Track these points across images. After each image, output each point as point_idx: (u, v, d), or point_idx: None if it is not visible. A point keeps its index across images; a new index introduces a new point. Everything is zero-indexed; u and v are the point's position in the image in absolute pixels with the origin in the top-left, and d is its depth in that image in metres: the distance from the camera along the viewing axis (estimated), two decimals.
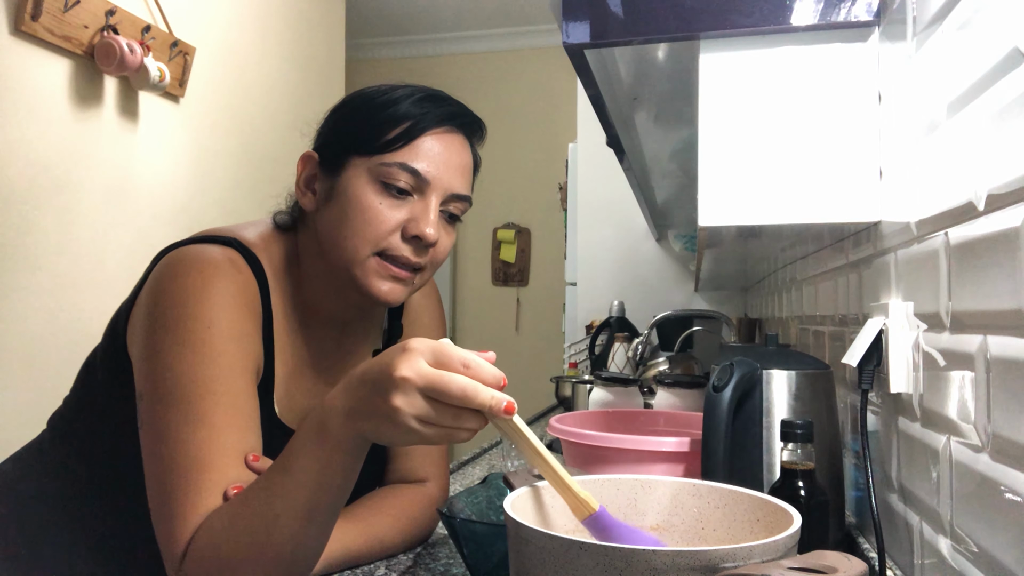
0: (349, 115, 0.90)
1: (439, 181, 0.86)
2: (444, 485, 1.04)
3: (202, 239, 0.87)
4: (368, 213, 0.84)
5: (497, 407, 0.62)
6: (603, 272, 2.89)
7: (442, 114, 0.88)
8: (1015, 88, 0.52)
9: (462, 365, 0.63)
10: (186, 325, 0.78)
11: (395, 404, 0.62)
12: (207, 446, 0.75)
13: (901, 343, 0.77)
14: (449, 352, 0.64)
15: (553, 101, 4.71)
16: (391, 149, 0.85)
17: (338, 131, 0.90)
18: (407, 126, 0.85)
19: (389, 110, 0.86)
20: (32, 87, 2.05)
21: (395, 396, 0.62)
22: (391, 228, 0.85)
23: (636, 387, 1.48)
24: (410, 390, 0.62)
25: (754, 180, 0.89)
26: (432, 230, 0.85)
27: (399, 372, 0.62)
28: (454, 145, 0.89)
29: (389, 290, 0.86)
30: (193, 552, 0.72)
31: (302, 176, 0.91)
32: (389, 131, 0.85)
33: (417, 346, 0.64)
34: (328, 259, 0.88)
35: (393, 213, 0.85)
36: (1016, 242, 0.52)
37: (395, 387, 0.62)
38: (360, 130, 0.87)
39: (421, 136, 0.86)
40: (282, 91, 3.20)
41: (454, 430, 0.64)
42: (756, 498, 0.62)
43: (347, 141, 0.87)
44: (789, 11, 0.86)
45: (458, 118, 0.90)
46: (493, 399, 0.62)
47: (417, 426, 0.63)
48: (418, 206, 0.86)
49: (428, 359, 0.63)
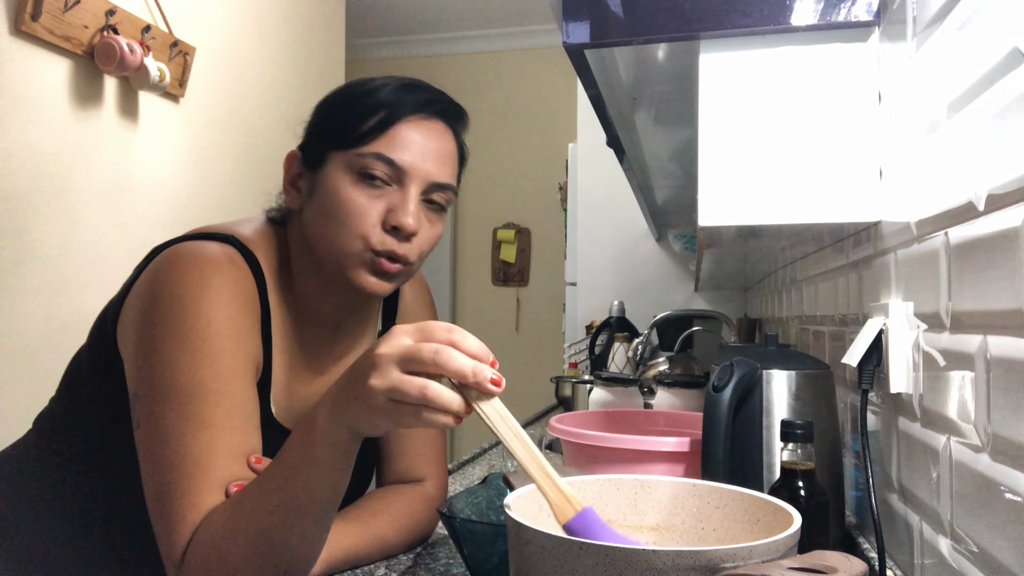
0: (328, 110, 0.90)
1: (417, 170, 0.84)
2: (442, 484, 1.04)
3: (198, 236, 0.86)
4: (348, 206, 0.83)
5: (480, 376, 0.59)
6: (603, 272, 2.89)
7: (418, 101, 0.86)
8: (1015, 88, 0.52)
9: (445, 333, 0.61)
10: (184, 323, 0.77)
11: (370, 383, 0.61)
12: (207, 446, 0.75)
13: (901, 343, 0.77)
14: (433, 324, 0.62)
15: (553, 101, 4.71)
16: (366, 140, 0.83)
17: (318, 127, 0.90)
18: (382, 115, 0.84)
19: (365, 101, 0.85)
20: (32, 87, 2.05)
21: (371, 375, 0.61)
22: (372, 220, 0.83)
23: (636, 387, 1.48)
24: (385, 365, 0.61)
25: (754, 180, 0.89)
26: (412, 220, 0.83)
27: (377, 350, 0.62)
28: (433, 132, 0.87)
29: (377, 283, 0.85)
30: (193, 551, 0.72)
31: (288, 176, 0.91)
32: (364, 122, 0.84)
33: (402, 327, 0.63)
34: (315, 255, 0.88)
35: (372, 204, 0.83)
36: (1016, 242, 0.52)
37: (372, 366, 0.62)
38: (338, 124, 0.86)
39: (396, 124, 0.84)
40: (282, 91, 3.20)
41: (428, 410, 0.60)
42: (756, 498, 0.62)
43: (325, 136, 0.87)
44: (789, 11, 0.86)
45: (435, 104, 0.88)
46: (475, 367, 0.59)
47: (388, 405, 0.61)
48: (397, 196, 0.84)
49: (412, 336, 0.62)
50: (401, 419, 0.62)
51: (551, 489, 0.59)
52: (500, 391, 0.60)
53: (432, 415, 0.61)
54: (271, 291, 0.88)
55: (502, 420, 0.61)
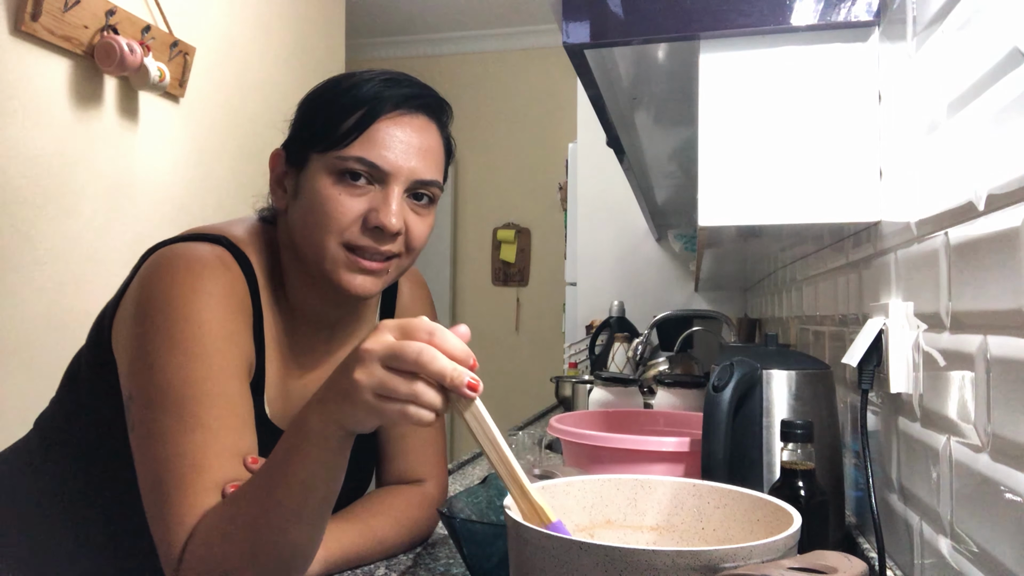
0: (309, 108, 0.89)
1: (400, 170, 0.83)
2: (442, 484, 1.03)
3: (191, 237, 0.86)
4: (328, 205, 0.82)
5: (457, 380, 0.60)
6: (603, 272, 2.89)
7: (398, 97, 0.85)
8: (1015, 88, 0.52)
9: (427, 334, 0.61)
10: (177, 325, 0.77)
11: (355, 378, 0.62)
12: (202, 447, 0.75)
13: (901, 343, 0.77)
14: (416, 323, 0.62)
15: (553, 101, 4.71)
16: (346, 142, 0.83)
17: (300, 126, 0.89)
18: (360, 115, 0.83)
19: (344, 100, 0.84)
20: (32, 87, 2.05)
21: (356, 370, 0.62)
22: (351, 219, 0.83)
23: (636, 387, 1.48)
24: (370, 361, 0.61)
25: (754, 180, 0.89)
26: (395, 220, 0.82)
27: (363, 345, 0.62)
28: (415, 128, 0.85)
29: (360, 282, 0.85)
30: (189, 552, 0.72)
31: (273, 175, 0.91)
32: (344, 122, 0.83)
33: (387, 323, 0.63)
34: (301, 255, 0.87)
35: (353, 203, 0.83)
36: (1016, 242, 0.52)
37: (357, 362, 0.62)
38: (318, 124, 0.85)
39: (376, 123, 0.83)
40: (282, 91, 3.20)
41: (412, 406, 0.61)
42: (756, 498, 0.62)
43: (307, 136, 0.86)
44: (789, 11, 0.86)
45: (415, 99, 0.86)
46: (454, 371, 0.60)
47: (374, 400, 0.62)
48: (379, 196, 0.83)
49: (395, 333, 0.63)
50: (386, 415, 0.63)
51: (522, 499, 0.59)
52: (476, 395, 0.61)
53: (417, 411, 0.61)
54: (263, 292, 0.88)
55: (478, 424, 0.61)
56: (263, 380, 0.88)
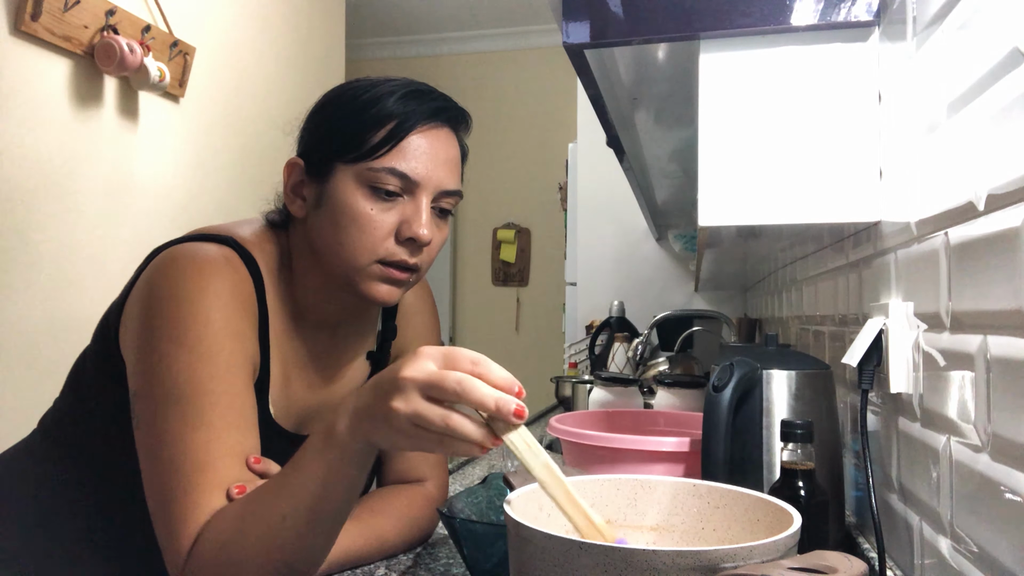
0: (332, 117, 0.88)
1: (429, 181, 0.85)
2: (443, 484, 1.04)
3: (197, 237, 0.86)
4: (361, 220, 0.83)
5: (504, 409, 0.59)
6: (603, 272, 2.89)
7: (427, 111, 0.86)
8: (1015, 88, 0.52)
9: (471, 363, 0.61)
10: (183, 324, 0.78)
11: (393, 405, 0.61)
12: (206, 446, 0.75)
13: (901, 343, 0.77)
14: (460, 352, 0.62)
15: (553, 101, 4.71)
16: (378, 154, 0.83)
17: (322, 135, 0.88)
18: (392, 127, 0.84)
19: (372, 110, 0.85)
20: (32, 87, 2.05)
21: (395, 398, 0.61)
22: (385, 234, 0.84)
23: (636, 387, 1.48)
24: (409, 390, 0.61)
25: (754, 180, 0.89)
26: (427, 231, 0.84)
27: (402, 373, 0.61)
28: (440, 140, 0.87)
29: (387, 292, 0.86)
30: (197, 552, 0.72)
31: (289, 183, 0.90)
32: (374, 134, 0.84)
33: (428, 350, 0.63)
34: (324, 264, 0.88)
35: (386, 217, 0.84)
36: (1016, 242, 0.52)
37: (396, 388, 0.61)
38: (345, 134, 0.85)
39: (407, 136, 0.84)
40: (282, 91, 3.20)
41: (449, 438, 0.60)
42: (756, 498, 0.62)
43: (332, 146, 0.86)
44: (789, 11, 0.86)
45: (444, 112, 0.88)
46: (499, 399, 0.59)
47: (411, 429, 0.61)
48: (409, 207, 0.85)
49: (437, 362, 0.62)
50: (423, 444, 0.63)
51: (581, 520, 0.59)
52: (522, 422, 0.60)
53: (454, 444, 0.61)
54: (269, 293, 0.88)
55: (529, 449, 0.60)
56: (267, 380, 0.88)
